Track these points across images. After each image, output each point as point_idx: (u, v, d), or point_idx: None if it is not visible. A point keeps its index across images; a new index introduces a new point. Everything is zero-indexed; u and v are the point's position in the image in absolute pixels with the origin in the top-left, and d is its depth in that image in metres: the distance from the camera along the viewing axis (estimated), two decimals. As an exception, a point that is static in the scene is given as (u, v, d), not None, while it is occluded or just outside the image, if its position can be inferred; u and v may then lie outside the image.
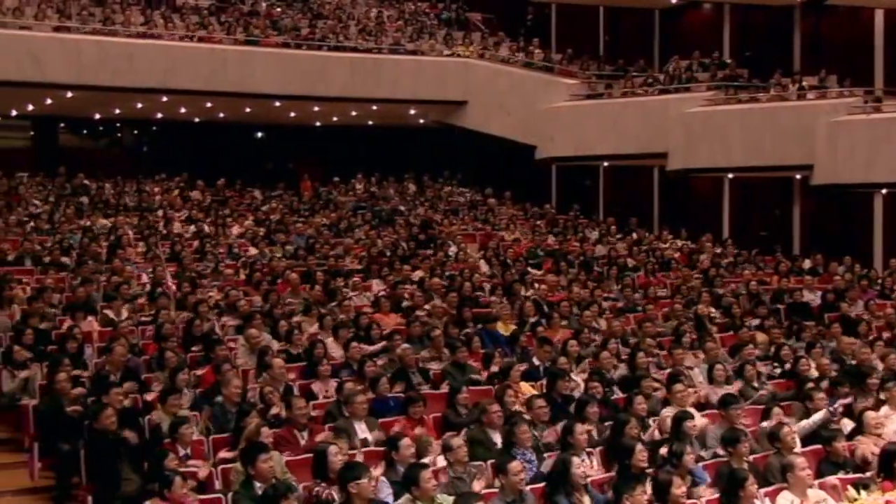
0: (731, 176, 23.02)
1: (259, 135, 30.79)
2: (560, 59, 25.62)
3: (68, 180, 22.20)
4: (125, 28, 22.95)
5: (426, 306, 13.72)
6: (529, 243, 19.74)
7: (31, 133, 28.97)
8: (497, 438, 8.80)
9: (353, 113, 26.77)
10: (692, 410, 9.26)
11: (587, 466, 8.05)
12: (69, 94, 22.56)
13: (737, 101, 21.51)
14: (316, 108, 25.95)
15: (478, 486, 7.73)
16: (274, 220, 19.88)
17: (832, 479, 7.90)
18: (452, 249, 18.51)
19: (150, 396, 9.68)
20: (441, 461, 8.00)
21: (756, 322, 13.74)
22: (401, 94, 24.81)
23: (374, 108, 25.78)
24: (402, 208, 22.41)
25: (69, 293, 13.61)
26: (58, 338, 11.45)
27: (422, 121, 27.39)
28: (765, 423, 8.95)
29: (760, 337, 12.82)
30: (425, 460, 7.80)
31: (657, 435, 8.98)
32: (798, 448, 8.43)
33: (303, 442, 8.65)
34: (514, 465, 7.41)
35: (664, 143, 21.90)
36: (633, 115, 22.64)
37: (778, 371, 11.51)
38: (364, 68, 24.37)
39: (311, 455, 7.88)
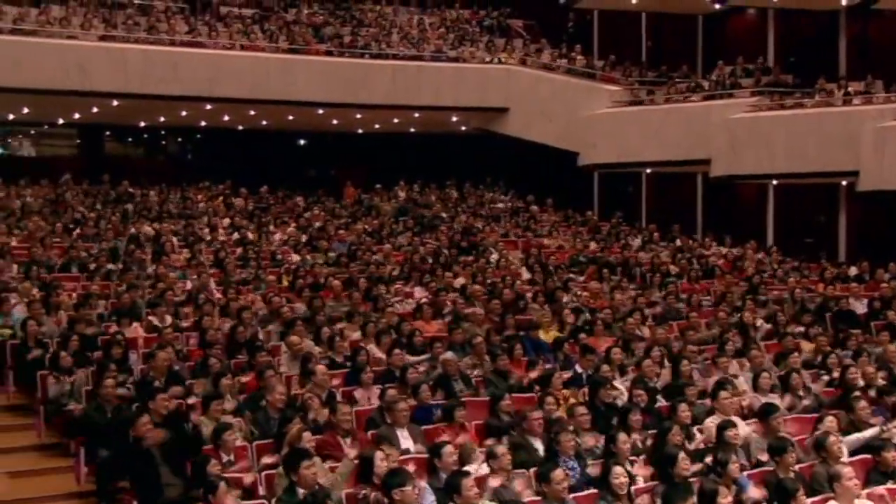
0: (775, 182, 22.83)
1: (302, 142, 30.97)
2: (602, 66, 25.56)
3: (113, 188, 22.45)
4: (170, 37, 23.19)
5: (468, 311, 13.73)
6: (572, 250, 19.68)
7: (78, 141, 29.33)
8: (538, 445, 8.78)
9: (396, 120, 26.86)
10: (736, 419, 9.18)
11: (639, 472, 8.03)
12: (115, 103, 22.82)
13: (781, 107, 21.33)
14: (358, 116, 26.07)
15: (519, 485, 7.72)
16: (316, 227, 19.96)
17: (880, 489, 7.80)
18: (494, 256, 18.48)
19: (191, 401, 9.75)
20: (484, 469, 7.98)
21: (800, 330, 13.60)
22: (443, 102, 24.89)
23: (416, 115, 25.85)
24: (443, 215, 22.40)
25: (114, 299, 13.74)
26: (103, 344, 11.56)
27: (463, 128, 27.42)
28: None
29: (806, 345, 12.69)
30: (468, 468, 7.79)
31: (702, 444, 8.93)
32: (845, 457, 8.33)
33: (346, 448, 8.66)
34: (558, 474, 7.39)
35: (707, 150, 21.77)
36: (676, 121, 22.53)
37: (826, 379, 11.37)
38: (406, 76, 24.47)
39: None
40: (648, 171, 25.46)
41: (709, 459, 8.17)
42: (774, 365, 11.67)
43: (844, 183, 21.26)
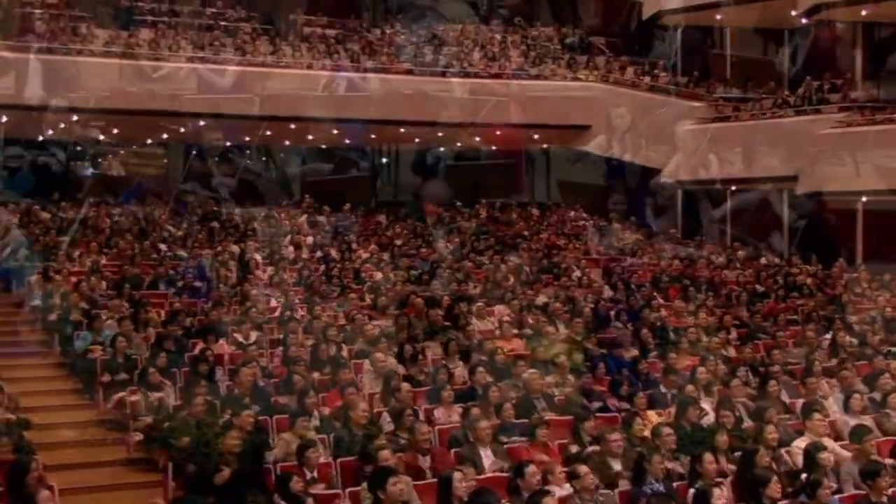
0: (864, 199, 22.32)
1: (383, 160, 31.16)
2: (686, 82, 25.30)
3: (199, 206, 22.83)
4: (255, 58, 23.54)
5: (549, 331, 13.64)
6: (655, 268, 19.47)
7: (165, 160, 29.87)
8: (617, 466, 8.67)
9: (477, 138, 26.88)
10: (827, 441, 8.97)
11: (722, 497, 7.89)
12: (201, 123, 23.22)
13: (870, 122, 20.88)
14: (440, 134, 26.14)
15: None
16: (398, 245, 20.04)
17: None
18: (576, 274, 18.37)
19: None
20: (565, 488, 7.91)
21: (892, 349, 13.27)
22: (524, 119, 24.84)
23: (498, 133, 25.84)
24: (525, 233, 22.34)
25: (201, 316, 13.94)
26: (190, 360, 11.73)
27: (545, 145, 27.34)
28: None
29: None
30: (550, 488, 7.73)
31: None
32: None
33: (426, 467, 8.66)
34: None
35: (794, 166, 21.38)
36: (762, 137, 22.19)
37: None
38: (487, 93, 24.47)
39: (434, 480, 7.90)
40: (733, 188, 25.11)
41: (804, 477, 8.01)
42: (865, 386, 11.40)
43: (937, 199, 20.72)
